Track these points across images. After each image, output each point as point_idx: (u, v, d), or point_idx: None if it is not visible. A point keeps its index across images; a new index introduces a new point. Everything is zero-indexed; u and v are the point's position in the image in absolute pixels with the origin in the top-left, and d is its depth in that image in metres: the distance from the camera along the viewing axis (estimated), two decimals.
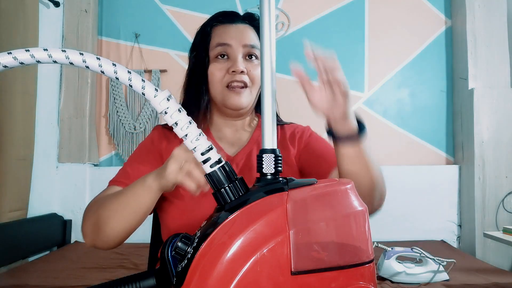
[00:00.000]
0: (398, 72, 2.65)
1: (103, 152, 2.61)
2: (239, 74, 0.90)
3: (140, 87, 0.47)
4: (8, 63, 0.43)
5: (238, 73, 0.90)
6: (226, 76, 0.91)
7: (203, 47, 0.95)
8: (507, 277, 1.63)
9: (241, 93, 0.91)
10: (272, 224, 0.43)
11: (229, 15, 0.98)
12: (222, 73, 0.91)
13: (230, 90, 0.91)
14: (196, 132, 0.49)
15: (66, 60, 0.45)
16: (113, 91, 2.58)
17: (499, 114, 2.35)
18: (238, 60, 0.91)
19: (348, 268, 0.45)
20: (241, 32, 0.94)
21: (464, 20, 2.48)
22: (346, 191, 0.49)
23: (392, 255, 1.56)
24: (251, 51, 0.93)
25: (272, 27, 0.60)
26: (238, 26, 0.95)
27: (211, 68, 0.93)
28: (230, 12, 0.99)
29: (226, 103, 0.92)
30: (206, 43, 0.95)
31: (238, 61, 0.91)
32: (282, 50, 2.61)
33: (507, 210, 2.29)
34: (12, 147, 1.89)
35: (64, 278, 1.65)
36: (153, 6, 2.62)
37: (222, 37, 0.93)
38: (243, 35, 0.94)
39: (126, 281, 0.54)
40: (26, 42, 1.97)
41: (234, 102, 0.91)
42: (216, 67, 0.92)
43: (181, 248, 0.46)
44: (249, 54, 0.93)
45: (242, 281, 0.41)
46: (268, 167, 0.53)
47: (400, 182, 2.48)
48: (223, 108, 0.94)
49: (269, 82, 0.59)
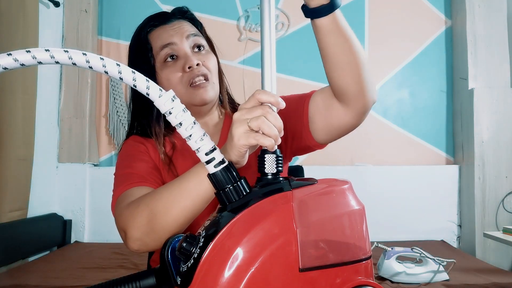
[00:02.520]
0: (398, 72, 2.66)
1: (103, 152, 2.61)
2: (195, 68, 0.87)
3: (145, 87, 0.47)
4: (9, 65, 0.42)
5: (195, 67, 0.87)
6: (184, 76, 0.87)
7: (145, 58, 0.90)
8: (507, 277, 1.63)
9: (206, 87, 0.87)
10: (279, 223, 0.44)
11: (159, 16, 0.95)
12: (178, 74, 0.88)
13: (195, 88, 0.87)
14: (200, 133, 0.49)
15: (69, 61, 0.44)
16: (113, 91, 2.58)
17: (499, 114, 2.36)
18: (189, 54, 0.88)
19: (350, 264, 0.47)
20: (178, 27, 0.91)
21: (464, 20, 2.48)
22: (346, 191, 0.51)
23: (392, 255, 1.56)
24: (196, 41, 0.90)
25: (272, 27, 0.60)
26: (173, 24, 0.92)
27: (163, 75, 0.89)
28: (159, 13, 0.96)
29: (194, 102, 0.88)
30: (147, 51, 0.90)
31: (190, 56, 0.88)
32: (282, 50, 2.62)
33: (507, 210, 2.30)
34: (12, 147, 1.89)
35: (64, 278, 1.65)
36: (153, 6, 2.62)
37: (162, 38, 0.89)
38: (181, 29, 0.90)
39: (126, 281, 0.54)
40: (26, 42, 1.97)
41: (202, 98, 0.87)
42: (168, 71, 0.88)
43: (186, 248, 0.46)
44: (195, 45, 0.90)
45: (251, 280, 0.42)
46: (270, 167, 0.53)
47: (400, 182, 2.49)
48: (190, 107, 0.87)
49: (270, 82, 0.59)
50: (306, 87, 2.59)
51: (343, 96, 0.76)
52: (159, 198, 0.68)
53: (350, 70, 0.72)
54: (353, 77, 0.73)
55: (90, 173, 2.47)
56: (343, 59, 0.71)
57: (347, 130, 0.82)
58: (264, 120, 0.56)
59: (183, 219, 0.66)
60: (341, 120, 0.79)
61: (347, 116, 0.78)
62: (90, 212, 2.44)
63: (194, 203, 0.65)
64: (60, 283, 1.58)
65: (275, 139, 0.56)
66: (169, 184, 0.69)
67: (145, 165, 0.86)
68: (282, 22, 2.63)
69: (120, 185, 0.81)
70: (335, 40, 0.70)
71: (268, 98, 0.58)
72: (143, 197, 0.71)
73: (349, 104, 0.76)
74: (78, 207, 2.43)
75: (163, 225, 0.66)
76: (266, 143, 0.55)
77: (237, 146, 0.58)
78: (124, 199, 0.76)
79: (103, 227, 2.39)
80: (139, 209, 0.69)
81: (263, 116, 0.56)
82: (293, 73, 2.58)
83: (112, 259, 1.98)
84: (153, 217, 0.66)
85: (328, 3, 0.66)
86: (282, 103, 0.59)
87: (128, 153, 0.91)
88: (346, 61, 0.71)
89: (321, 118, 0.81)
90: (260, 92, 0.58)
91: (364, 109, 0.77)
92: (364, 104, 0.76)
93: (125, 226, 0.70)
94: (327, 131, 0.82)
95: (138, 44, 0.93)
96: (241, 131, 0.57)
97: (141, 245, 0.69)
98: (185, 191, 0.65)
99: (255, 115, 0.57)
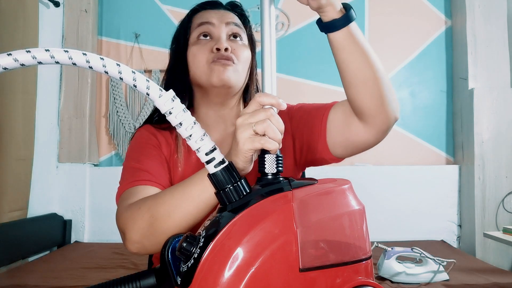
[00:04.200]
0: (398, 72, 2.66)
1: (103, 152, 2.61)
2: (223, 51, 0.84)
3: (145, 87, 0.47)
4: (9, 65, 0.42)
5: (223, 50, 0.84)
6: (210, 55, 0.85)
7: (183, 35, 0.91)
8: (507, 277, 1.63)
9: (226, 67, 0.84)
10: (279, 223, 0.44)
11: (211, 2, 0.94)
12: (205, 52, 0.86)
13: (215, 63, 0.84)
14: (200, 133, 0.49)
15: (69, 61, 0.44)
16: (113, 91, 2.58)
17: (499, 114, 2.36)
18: (222, 37, 0.86)
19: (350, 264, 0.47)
20: (223, 13, 0.90)
21: (464, 20, 2.48)
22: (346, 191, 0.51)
23: (392, 255, 1.56)
24: (235, 30, 0.89)
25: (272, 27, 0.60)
26: (220, 11, 0.91)
27: (192, 50, 0.88)
28: (211, 1, 0.95)
29: (211, 80, 0.84)
30: (186, 29, 0.90)
31: (222, 39, 0.86)
32: (282, 50, 2.62)
33: (507, 210, 2.30)
34: (12, 147, 1.89)
35: (64, 278, 1.65)
36: (153, 6, 2.62)
37: (203, 17, 0.89)
38: (225, 15, 0.90)
39: (126, 281, 0.54)
40: (26, 42, 1.97)
41: (220, 76, 0.83)
42: (197, 48, 0.87)
43: (186, 248, 0.46)
44: (233, 33, 0.89)
45: (251, 280, 0.42)
46: (270, 167, 0.53)
47: (400, 182, 2.49)
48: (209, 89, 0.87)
49: (270, 82, 0.59)
50: (306, 87, 2.61)
51: (362, 113, 0.73)
52: (161, 203, 0.67)
53: (367, 87, 0.70)
54: (371, 94, 0.70)
55: (90, 173, 2.47)
56: (359, 75, 0.70)
57: (366, 147, 0.79)
58: (269, 124, 0.55)
59: (185, 224, 0.65)
60: (360, 138, 0.76)
61: (366, 133, 0.75)
62: (90, 212, 2.44)
63: (197, 209, 0.64)
64: (60, 283, 1.58)
65: (278, 143, 0.56)
66: (173, 189, 0.68)
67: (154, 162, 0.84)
68: (282, 22, 2.63)
69: (126, 179, 0.80)
70: (351, 55, 0.68)
71: (269, 100, 0.58)
72: (145, 200, 0.71)
73: (369, 121, 0.73)
74: (78, 207, 2.43)
75: (163, 230, 0.65)
76: (270, 147, 0.55)
77: (242, 151, 0.57)
78: (128, 196, 0.75)
79: (103, 227, 2.39)
80: (140, 212, 0.68)
81: (268, 119, 0.56)
82: (293, 73, 2.58)
83: (112, 259, 1.97)
84: (154, 221, 0.65)
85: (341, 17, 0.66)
86: (283, 104, 0.59)
87: (139, 144, 0.89)
88: (363, 78, 0.69)
89: (339, 133, 0.79)
90: (261, 95, 0.58)
91: (385, 127, 0.74)
92: (384, 122, 0.73)
93: (124, 228, 0.69)
94: (344, 146, 0.80)
95: (183, 22, 0.94)
96: (246, 135, 0.57)
97: (140, 248, 0.68)
98: (189, 197, 0.64)
99: (260, 118, 0.56)
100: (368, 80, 0.69)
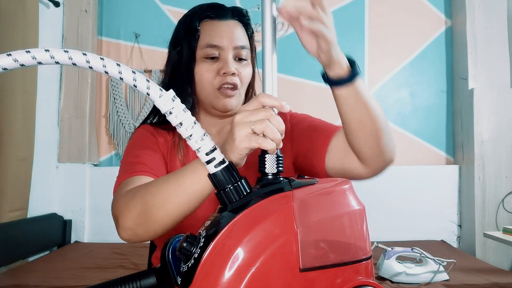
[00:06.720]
0: (398, 72, 2.66)
1: (103, 152, 2.61)
2: (230, 76, 0.87)
3: (145, 87, 0.46)
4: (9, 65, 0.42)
5: (229, 75, 0.87)
6: (217, 78, 0.88)
7: (190, 44, 0.91)
8: (507, 277, 1.63)
9: (232, 96, 0.89)
10: (279, 223, 0.44)
11: (218, 8, 0.93)
12: (212, 74, 0.89)
13: (222, 93, 0.88)
14: (200, 133, 0.49)
15: (69, 61, 0.44)
16: (113, 91, 2.58)
17: (499, 114, 2.36)
18: (229, 61, 0.88)
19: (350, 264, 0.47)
20: (232, 32, 0.90)
21: (464, 20, 2.48)
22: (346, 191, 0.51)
23: (392, 255, 1.56)
24: (241, 55, 0.91)
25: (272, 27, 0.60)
26: (228, 23, 0.91)
27: (199, 68, 0.90)
28: (218, 5, 0.94)
29: (216, 106, 0.90)
30: (194, 40, 0.91)
31: (229, 63, 0.88)
32: (282, 50, 2.61)
33: (507, 210, 2.30)
34: (12, 147, 1.89)
35: (64, 278, 1.65)
36: (153, 6, 2.62)
37: (213, 37, 0.89)
38: (234, 35, 0.90)
39: (127, 280, 0.54)
40: (26, 42, 1.97)
41: (225, 105, 0.89)
42: (205, 68, 0.89)
43: (186, 248, 0.46)
44: (239, 56, 0.91)
45: (252, 280, 0.42)
46: (270, 167, 0.53)
47: (400, 182, 2.49)
48: (210, 109, 0.92)
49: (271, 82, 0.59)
50: (306, 87, 2.60)
51: (360, 156, 0.77)
52: (154, 192, 0.67)
53: (367, 137, 0.73)
54: (371, 143, 0.73)
55: (90, 173, 2.47)
56: (360, 126, 0.72)
57: (360, 179, 0.81)
58: (268, 124, 0.55)
59: (177, 214, 0.65)
60: (356, 171, 0.79)
61: (363, 170, 0.78)
62: (90, 212, 2.44)
63: (190, 199, 0.64)
64: (60, 283, 1.58)
65: (277, 143, 0.55)
66: (166, 178, 0.68)
67: (152, 155, 0.86)
68: (282, 22, 2.62)
69: (124, 173, 0.81)
70: (353, 108, 0.70)
71: (272, 102, 0.57)
72: (139, 188, 0.71)
73: (366, 163, 0.77)
74: (78, 207, 2.43)
75: (156, 219, 0.65)
76: (268, 147, 0.54)
77: (239, 149, 0.57)
78: (124, 186, 0.76)
79: (103, 227, 2.39)
80: (133, 200, 0.69)
81: (267, 119, 0.55)
82: (293, 73, 2.58)
83: (112, 259, 1.98)
84: (147, 210, 0.66)
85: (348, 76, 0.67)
86: (286, 107, 0.58)
87: (137, 142, 0.91)
88: (364, 128, 0.72)
89: (338, 160, 0.81)
90: (264, 96, 0.58)
91: (382, 168, 0.79)
92: (381, 165, 0.77)
93: (118, 215, 0.70)
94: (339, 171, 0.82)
95: (189, 29, 0.92)
96: (243, 133, 0.56)
97: (131, 235, 0.69)
98: (182, 187, 0.64)
99: (259, 117, 0.56)
100: (368, 131, 0.72)
